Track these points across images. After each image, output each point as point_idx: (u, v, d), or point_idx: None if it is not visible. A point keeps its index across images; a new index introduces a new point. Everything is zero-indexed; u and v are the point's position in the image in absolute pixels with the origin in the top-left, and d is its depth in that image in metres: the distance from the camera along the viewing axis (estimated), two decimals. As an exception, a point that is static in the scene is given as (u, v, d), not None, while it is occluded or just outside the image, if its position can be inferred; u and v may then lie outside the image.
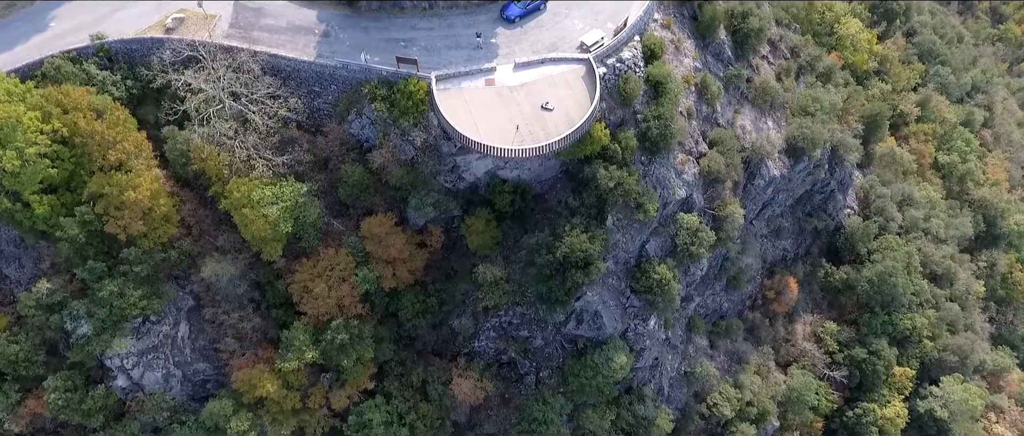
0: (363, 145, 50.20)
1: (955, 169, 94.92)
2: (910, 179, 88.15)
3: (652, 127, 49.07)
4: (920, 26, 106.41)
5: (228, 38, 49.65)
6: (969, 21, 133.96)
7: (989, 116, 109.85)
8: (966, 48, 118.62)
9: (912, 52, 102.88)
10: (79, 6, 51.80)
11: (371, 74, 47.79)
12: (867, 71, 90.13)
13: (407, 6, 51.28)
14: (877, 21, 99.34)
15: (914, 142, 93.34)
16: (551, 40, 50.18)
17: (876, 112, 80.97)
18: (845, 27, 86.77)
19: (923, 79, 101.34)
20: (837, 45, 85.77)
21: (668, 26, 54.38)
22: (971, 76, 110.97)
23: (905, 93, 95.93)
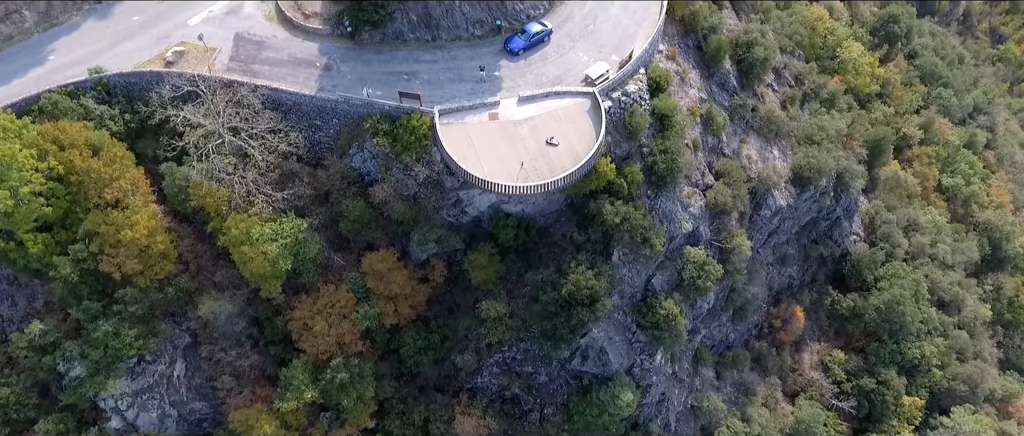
0: (364, 178, 49.39)
1: (959, 192, 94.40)
2: (914, 202, 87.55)
3: (659, 161, 48.34)
4: (921, 48, 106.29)
5: (228, 71, 49.03)
6: (969, 41, 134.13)
7: (991, 137, 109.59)
8: (967, 69, 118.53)
9: (914, 74, 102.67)
10: (78, 39, 51.28)
11: (373, 108, 47.10)
12: (869, 94, 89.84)
13: (410, 39, 50.73)
14: (878, 44, 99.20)
15: (918, 165, 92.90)
16: (555, 73, 49.58)
17: (880, 137, 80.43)
18: (847, 51, 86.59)
19: (925, 101, 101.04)
20: (839, 68, 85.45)
21: (673, 57, 53.85)
22: (973, 97, 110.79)
23: (908, 116, 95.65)
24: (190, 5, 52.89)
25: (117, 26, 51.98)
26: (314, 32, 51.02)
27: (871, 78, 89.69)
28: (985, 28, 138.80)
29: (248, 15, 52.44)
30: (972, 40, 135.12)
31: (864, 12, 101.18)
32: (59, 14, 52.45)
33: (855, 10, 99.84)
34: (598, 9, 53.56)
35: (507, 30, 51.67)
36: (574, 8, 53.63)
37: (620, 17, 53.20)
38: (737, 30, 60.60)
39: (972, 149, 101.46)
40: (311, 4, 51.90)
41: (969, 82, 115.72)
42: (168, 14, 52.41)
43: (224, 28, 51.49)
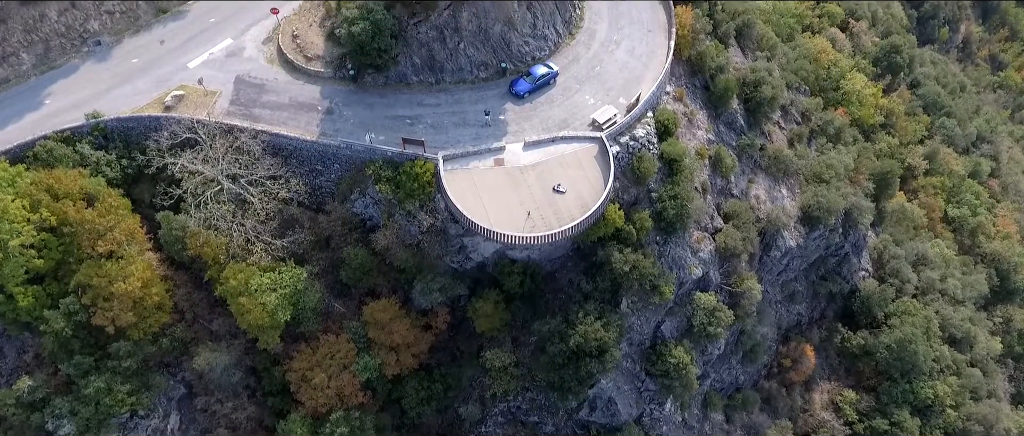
0: (366, 223, 48.19)
1: (966, 222, 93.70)
2: (921, 234, 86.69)
3: (668, 208, 47.26)
4: (924, 77, 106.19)
5: (228, 116, 48.08)
6: (969, 69, 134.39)
7: (996, 166, 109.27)
8: (969, 97, 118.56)
9: (917, 104, 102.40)
10: (76, 82, 50.40)
11: (376, 154, 46.08)
12: (874, 125, 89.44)
13: (413, 82, 49.91)
14: (881, 74, 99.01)
15: (923, 196, 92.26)
16: (562, 116, 48.69)
17: (886, 170, 79.58)
18: (850, 83, 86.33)
19: (929, 131, 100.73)
20: (843, 100, 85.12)
21: (680, 98, 53.09)
22: (976, 126, 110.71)
23: (912, 146, 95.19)
24: (190, 48, 52.14)
25: (116, 69, 51.15)
26: (316, 75, 50.20)
27: (875, 109, 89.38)
28: (985, 55, 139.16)
29: (249, 57, 51.67)
30: (972, 67, 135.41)
31: (866, 43, 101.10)
32: (57, 57, 51.66)
33: (857, 41, 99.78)
34: (604, 52, 52.90)
35: (512, 72, 50.90)
36: (580, 50, 52.95)
37: (626, 60, 52.52)
38: (744, 69, 59.98)
39: (977, 178, 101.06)
40: (313, 46, 51.13)
41: (971, 110, 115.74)
42: (168, 57, 51.62)
43: (224, 71, 50.67)
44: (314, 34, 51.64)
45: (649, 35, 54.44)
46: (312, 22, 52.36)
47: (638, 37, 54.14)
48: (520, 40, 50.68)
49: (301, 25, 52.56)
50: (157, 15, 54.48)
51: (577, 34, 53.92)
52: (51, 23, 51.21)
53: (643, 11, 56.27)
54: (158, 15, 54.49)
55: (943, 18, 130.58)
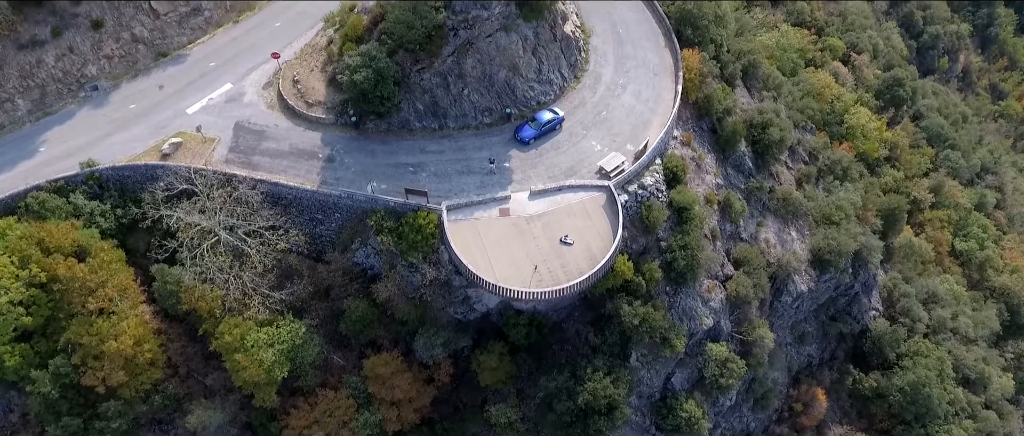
0: (367, 273, 46.81)
1: (974, 256, 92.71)
2: (929, 268, 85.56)
3: (678, 258, 45.96)
4: (926, 109, 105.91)
5: (227, 163, 46.98)
6: (970, 98, 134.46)
7: (1001, 197, 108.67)
8: (971, 128, 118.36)
9: (920, 136, 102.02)
10: (72, 129, 49.40)
11: (378, 204, 44.85)
12: (878, 158, 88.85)
13: (416, 128, 48.92)
14: (884, 107, 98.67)
15: (930, 230, 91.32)
16: (568, 164, 47.61)
17: (894, 206, 78.63)
18: (854, 117, 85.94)
19: (933, 163, 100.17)
20: (848, 134, 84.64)
21: (688, 142, 52.14)
22: (979, 157, 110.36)
23: (917, 179, 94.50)
24: (189, 93, 51.26)
25: (113, 115, 50.18)
26: (317, 121, 49.23)
27: (879, 143, 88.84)
28: (985, 85, 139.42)
29: (249, 103, 50.75)
30: (973, 97, 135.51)
31: (868, 76, 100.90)
32: (54, 102, 50.74)
33: (859, 74, 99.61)
34: (610, 96, 52.06)
35: (517, 118, 49.97)
36: (586, 94, 52.12)
37: (633, 104, 51.67)
38: (751, 110, 59.19)
39: (982, 210, 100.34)
40: (314, 92, 50.24)
41: (974, 141, 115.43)
42: (166, 103, 50.71)
43: (224, 117, 49.69)
44: (316, 79, 50.80)
45: (655, 78, 53.70)
46: (313, 67, 51.56)
47: (644, 81, 53.39)
48: (525, 85, 49.84)
49: (302, 70, 51.76)
50: (156, 59, 53.71)
51: (582, 78, 53.15)
52: (48, 68, 50.40)
53: (649, 53, 55.64)
54: (157, 59, 53.73)
55: (942, 48, 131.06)
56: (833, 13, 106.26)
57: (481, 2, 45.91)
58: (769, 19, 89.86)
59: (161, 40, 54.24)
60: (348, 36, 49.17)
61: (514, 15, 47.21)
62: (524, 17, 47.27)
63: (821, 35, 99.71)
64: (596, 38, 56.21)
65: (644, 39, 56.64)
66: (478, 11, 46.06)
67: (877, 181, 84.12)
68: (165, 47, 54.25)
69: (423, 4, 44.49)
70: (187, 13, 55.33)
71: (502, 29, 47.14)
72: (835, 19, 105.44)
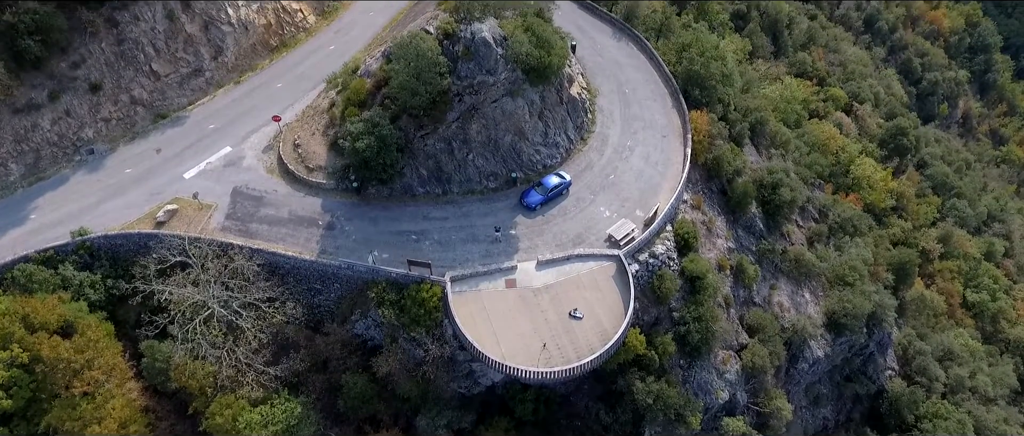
0: (367, 344, 44.77)
1: (986, 308, 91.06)
2: (942, 321, 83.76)
3: (692, 331, 44.10)
4: (930, 158, 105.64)
5: (223, 231, 45.42)
6: (971, 144, 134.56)
7: (1009, 245, 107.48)
8: (975, 175, 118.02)
9: (926, 184, 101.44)
10: (65, 194, 47.96)
11: (379, 275, 43.14)
12: (885, 209, 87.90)
13: (419, 193, 47.59)
14: (888, 156, 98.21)
15: (941, 281, 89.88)
16: (576, 231, 46.11)
17: (905, 260, 77.22)
18: (860, 168, 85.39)
19: (940, 212, 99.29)
20: (854, 186, 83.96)
21: (698, 206, 50.80)
22: (985, 205, 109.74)
23: (925, 229, 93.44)
24: (187, 157, 50.08)
25: (108, 180, 48.84)
26: (317, 187, 47.92)
27: (886, 193, 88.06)
28: (985, 130, 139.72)
29: (248, 167, 49.52)
30: (974, 142, 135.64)
31: (871, 125, 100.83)
32: (48, 166, 49.44)
33: (862, 124, 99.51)
34: (618, 158, 50.98)
35: (523, 182, 48.73)
36: (593, 156, 51.03)
37: (642, 167, 50.53)
38: (760, 170, 58.12)
39: (992, 260, 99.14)
40: (315, 156, 49.08)
41: (979, 187, 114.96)
42: (163, 167, 49.46)
43: (222, 182, 48.39)
44: (317, 143, 49.72)
45: (664, 140, 52.74)
46: (315, 130, 50.55)
47: (652, 143, 52.41)
48: (531, 149, 48.78)
49: (303, 133, 50.74)
50: (155, 121, 52.75)
51: (589, 140, 52.17)
52: (43, 132, 49.29)
53: (656, 114, 54.84)
54: (156, 121, 52.76)
55: (942, 95, 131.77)
56: (833, 63, 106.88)
57: (487, 68, 45.14)
58: (772, 71, 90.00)
59: (161, 102, 53.38)
60: (350, 100, 48.29)
61: (520, 80, 46.42)
62: (531, 82, 46.48)
63: (823, 85, 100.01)
64: (602, 98, 55.53)
65: (651, 100, 55.96)
66: (484, 77, 45.28)
67: (886, 233, 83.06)
68: (164, 109, 53.33)
69: (428, 70, 43.64)
70: (188, 74, 54.64)
71: (508, 94, 46.31)
72: (836, 69, 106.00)
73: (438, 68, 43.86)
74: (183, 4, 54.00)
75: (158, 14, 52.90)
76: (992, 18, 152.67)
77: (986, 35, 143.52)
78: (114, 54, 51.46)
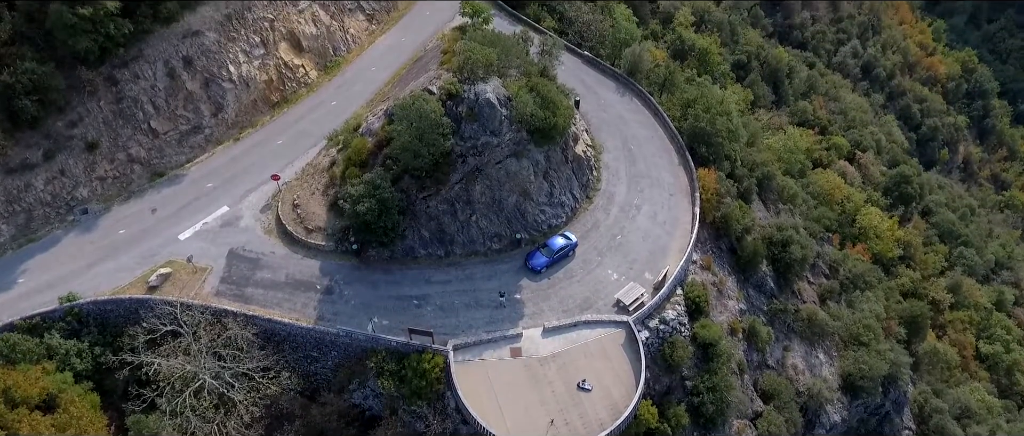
0: (366, 414, 42.59)
1: (1000, 360, 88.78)
2: (956, 374, 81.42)
3: (706, 402, 42.16)
4: (935, 205, 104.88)
5: (218, 296, 43.80)
6: (973, 189, 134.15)
7: (1018, 293, 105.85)
8: (980, 221, 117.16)
9: (932, 232, 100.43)
10: (55, 257, 46.44)
11: (379, 344, 41.36)
12: (893, 258, 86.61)
13: (421, 255, 46.19)
14: (894, 205, 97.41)
15: (953, 332, 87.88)
16: (584, 295, 44.54)
17: (917, 314, 75.53)
18: (866, 218, 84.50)
19: (948, 260, 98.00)
20: (860, 235, 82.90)
21: (708, 266, 49.37)
22: (992, 252, 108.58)
23: (934, 279, 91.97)
24: (183, 217, 48.80)
25: (101, 242, 47.41)
26: (316, 248, 46.53)
27: (893, 243, 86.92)
28: (987, 175, 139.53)
29: (245, 228, 48.22)
30: (976, 187, 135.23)
31: (874, 173, 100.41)
32: (40, 227, 48.08)
33: (866, 172, 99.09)
34: (625, 218, 49.84)
35: (528, 242, 47.41)
36: (599, 216, 49.88)
37: (649, 227, 49.32)
38: (769, 226, 56.95)
39: (1002, 309, 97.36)
40: (314, 217, 47.85)
41: (985, 234, 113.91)
42: (157, 228, 48.12)
43: (218, 244, 47.00)
44: (316, 203, 48.57)
45: (671, 198, 51.70)
46: (315, 190, 49.47)
47: (660, 201, 51.35)
48: (536, 209, 47.62)
49: (303, 193, 49.65)
50: (152, 180, 51.67)
51: (595, 198, 51.12)
52: (36, 192, 48.14)
53: (663, 172, 53.97)
54: (153, 180, 51.69)
55: (942, 140, 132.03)
56: (834, 111, 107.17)
57: (491, 129, 44.36)
58: (774, 121, 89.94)
59: (158, 160, 52.45)
60: (351, 159, 47.37)
61: (525, 141, 45.62)
62: (536, 143, 45.68)
63: (825, 133, 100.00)
64: (607, 155, 54.73)
65: (657, 156, 55.18)
66: (488, 138, 44.47)
67: (895, 284, 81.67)
68: (162, 167, 52.34)
69: (430, 131, 42.82)
70: (187, 131, 53.88)
71: (513, 155, 45.45)
72: (837, 117, 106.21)
73: (441, 129, 43.06)
74: (184, 62, 53.63)
75: (159, 72, 52.45)
76: (987, 64, 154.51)
77: (983, 81, 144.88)
78: (112, 112, 50.78)
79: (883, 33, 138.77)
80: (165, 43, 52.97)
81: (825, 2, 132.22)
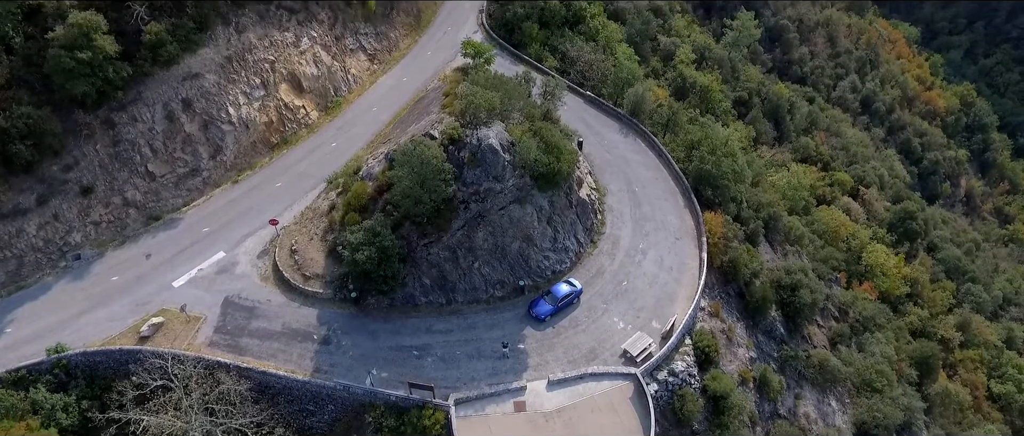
0: (363, 470, 40.76)
1: (1013, 400, 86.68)
2: (969, 415, 79.31)
3: (718, 459, 40.39)
4: (940, 241, 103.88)
5: (211, 346, 42.34)
6: (977, 223, 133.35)
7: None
8: (986, 256, 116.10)
9: (938, 268, 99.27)
10: (45, 305, 45.12)
11: (377, 398, 39.79)
12: (900, 296, 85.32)
13: (422, 303, 44.88)
14: (899, 241, 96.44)
15: (964, 372, 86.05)
16: (589, 345, 43.11)
17: (928, 355, 74.03)
18: (872, 255, 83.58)
19: (956, 297, 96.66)
20: (867, 274, 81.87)
21: (716, 313, 48.05)
22: (999, 288, 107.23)
23: (942, 317, 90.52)
24: (178, 263, 47.64)
25: (92, 289, 46.15)
26: (314, 296, 45.25)
27: (900, 280, 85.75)
28: (990, 209, 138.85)
29: (241, 274, 47.01)
30: (980, 221, 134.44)
31: (879, 209, 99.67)
32: (30, 274, 46.87)
33: (870, 208, 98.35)
34: (630, 263, 48.67)
35: (531, 289, 46.15)
36: (604, 261, 48.72)
37: (656, 273, 48.12)
38: (777, 269, 55.79)
39: (1013, 347, 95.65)
40: (313, 264, 46.70)
41: (991, 269, 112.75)
42: (152, 274, 46.92)
43: (212, 291, 45.73)
44: (314, 249, 47.46)
45: (677, 243, 50.62)
46: (313, 235, 48.41)
47: (665, 245, 50.27)
48: (539, 255, 46.50)
49: (301, 238, 48.57)
50: (147, 224, 50.66)
51: (599, 242, 50.04)
52: (28, 238, 47.06)
53: (668, 215, 53.01)
54: (148, 224, 50.68)
55: (943, 174, 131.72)
56: (836, 147, 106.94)
57: (494, 175, 43.52)
58: (777, 157, 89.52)
59: (155, 203, 51.51)
60: (351, 205, 46.43)
61: (529, 186, 44.75)
62: (539, 188, 44.79)
63: (828, 169, 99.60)
64: (611, 197, 53.86)
65: (662, 199, 54.31)
66: (491, 184, 43.59)
67: (903, 322, 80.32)
68: (158, 210, 51.36)
69: (432, 177, 41.95)
70: (185, 174, 53.08)
71: (516, 201, 44.51)
72: (839, 152, 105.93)
73: (443, 176, 42.20)
74: (184, 104, 53.12)
75: (157, 115, 51.90)
76: (986, 98, 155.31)
77: (982, 115, 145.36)
78: (109, 155, 50.03)
79: (881, 67, 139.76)
80: (164, 86, 52.54)
81: (823, 37, 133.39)
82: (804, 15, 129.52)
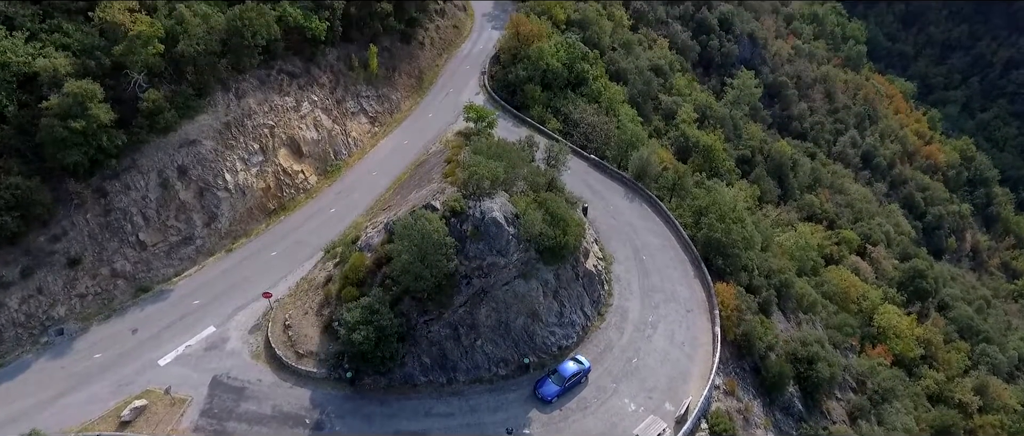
0: None
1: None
2: (993, 484, 75.53)
3: None
4: (951, 299, 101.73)
5: (196, 431, 39.64)
6: (985, 278, 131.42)
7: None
8: (998, 313, 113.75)
9: (951, 328, 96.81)
10: (21, 385, 42.55)
11: (372, 491, 36.95)
12: (915, 358, 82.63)
13: (421, 382, 42.42)
14: (909, 300, 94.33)
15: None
16: (599, 430, 40.45)
17: (949, 423, 71.02)
18: (884, 317, 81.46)
19: (971, 358, 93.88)
20: (880, 336, 79.55)
21: (732, 391, 45.54)
22: (1015, 347, 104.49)
23: (958, 380, 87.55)
24: (165, 339, 45.37)
25: (74, 367, 43.70)
26: (307, 376, 42.81)
27: (914, 342, 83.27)
28: (996, 264, 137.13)
29: (231, 352, 44.69)
30: (987, 277, 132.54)
31: (887, 267, 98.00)
32: (10, 350, 44.47)
33: (878, 266, 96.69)
34: (640, 337, 46.47)
35: (536, 366, 43.76)
36: (612, 335, 46.52)
37: (667, 348, 45.86)
38: (792, 340, 53.49)
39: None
40: (307, 340, 44.44)
41: (1003, 328, 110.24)
42: (136, 351, 44.59)
43: (200, 370, 43.31)
44: (309, 324, 45.28)
45: (688, 315, 48.55)
46: (308, 309, 46.33)
47: (676, 318, 48.17)
48: (545, 331, 44.35)
49: (295, 312, 46.46)
50: (136, 296, 48.57)
51: (607, 315, 47.94)
52: (10, 312, 44.90)
53: (678, 285, 51.10)
54: (137, 296, 48.59)
55: (949, 228, 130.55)
56: (841, 204, 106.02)
57: (498, 248, 41.85)
58: (783, 216, 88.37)
59: (144, 274, 49.59)
60: (349, 277, 44.53)
61: (534, 260, 43.03)
62: (545, 262, 43.08)
63: (833, 227, 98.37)
64: (618, 265, 52.06)
65: (671, 268, 52.52)
66: (494, 258, 41.88)
67: (920, 387, 77.55)
68: (148, 281, 49.39)
69: (433, 252, 40.23)
70: (177, 243, 51.36)
71: (520, 276, 42.69)
72: (844, 210, 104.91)
73: (444, 250, 40.51)
74: (179, 171, 51.90)
75: (151, 182, 50.58)
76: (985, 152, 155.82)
77: (983, 169, 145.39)
78: (99, 225, 48.43)
79: (880, 122, 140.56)
80: (160, 153, 51.45)
81: (821, 93, 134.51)
82: (801, 71, 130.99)
